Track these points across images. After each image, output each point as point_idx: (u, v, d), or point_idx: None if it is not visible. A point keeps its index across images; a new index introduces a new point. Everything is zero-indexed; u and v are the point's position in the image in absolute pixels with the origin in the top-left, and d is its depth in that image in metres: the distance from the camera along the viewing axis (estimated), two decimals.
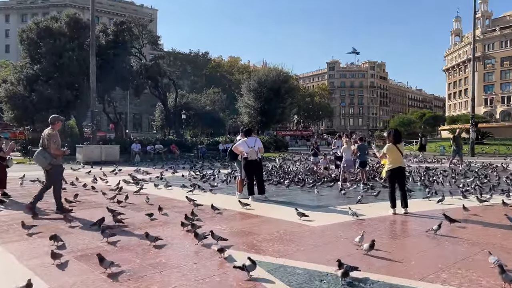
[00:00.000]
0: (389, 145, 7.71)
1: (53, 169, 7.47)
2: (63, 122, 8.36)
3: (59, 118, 7.80)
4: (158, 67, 33.91)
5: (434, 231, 5.84)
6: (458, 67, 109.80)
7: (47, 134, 7.42)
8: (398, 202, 7.66)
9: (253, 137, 9.28)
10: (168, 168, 17.70)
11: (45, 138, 7.40)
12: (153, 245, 5.26)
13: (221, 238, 5.30)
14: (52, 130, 7.48)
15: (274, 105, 35.66)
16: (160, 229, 6.28)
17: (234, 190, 10.47)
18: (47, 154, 7.32)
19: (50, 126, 7.54)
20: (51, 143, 7.33)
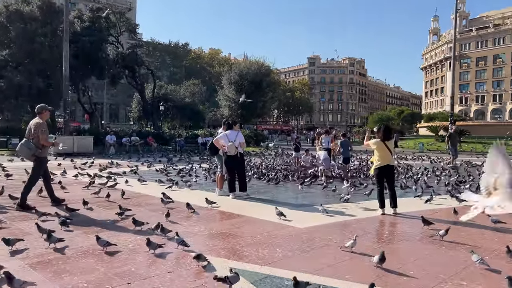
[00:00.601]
0: (377, 141, 7.29)
1: (37, 162, 7.18)
2: (51, 112, 8.03)
3: (47, 107, 7.47)
4: (135, 56, 32.75)
5: (440, 236, 5.39)
6: (436, 66, 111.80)
7: (34, 124, 7.11)
8: (387, 202, 7.28)
9: (235, 131, 8.71)
10: (144, 161, 16.93)
11: (32, 128, 7.08)
12: (105, 251, 4.64)
13: (183, 243, 4.76)
14: (39, 119, 7.20)
15: (255, 98, 35.11)
16: (130, 232, 5.67)
17: (214, 187, 9.92)
18: (31, 145, 7.02)
19: (37, 116, 7.26)
20: (39, 132, 7.02)
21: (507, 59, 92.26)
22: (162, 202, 7.53)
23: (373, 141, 7.39)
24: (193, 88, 46.95)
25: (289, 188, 10.33)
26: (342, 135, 13.16)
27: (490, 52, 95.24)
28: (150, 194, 8.97)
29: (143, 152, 23.94)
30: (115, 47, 33.38)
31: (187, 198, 8.07)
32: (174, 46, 77.05)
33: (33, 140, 7.03)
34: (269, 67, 37.45)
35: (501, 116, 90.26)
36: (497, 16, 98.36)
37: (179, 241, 4.80)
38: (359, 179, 11.92)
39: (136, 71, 33.54)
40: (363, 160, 18.04)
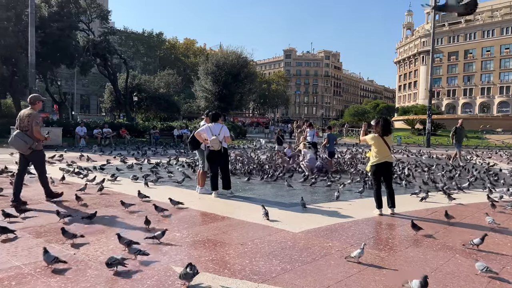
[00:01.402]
0: (375, 136, 6.73)
1: (35, 155, 6.82)
2: (44, 102, 7.58)
3: (40, 97, 7.12)
4: (107, 44, 31.22)
5: (475, 245, 4.78)
6: (409, 60, 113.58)
7: (27, 115, 6.71)
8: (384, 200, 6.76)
9: (219, 124, 7.96)
10: (117, 154, 15.92)
11: (25, 120, 6.68)
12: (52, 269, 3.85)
13: (141, 252, 4.10)
14: (32, 110, 6.80)
15: (232, 89, 34.24)
16: (100, 242, 4.89)
17: (194, 183, 9.19)
18: (27, 137, 6.62)
19: (30, 106, 6.86)
20: (33, 124, 6.62)
21: (477, 54, 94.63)
22: (139, 197, 6.75)
23: (370, 136, 6.83)
24: (168, 79, 45.47)
25: (275, 185, 9.69)
26: (327, 128, 12.67)
27: (461, 47, 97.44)
28: (124, 192, 8.15)
29: (115, 145, 22.82)
30: (86, 34, 31.72)
31: (165, 196, 7.32)
32: (148, 36, 74.67)
33: (27, 132, 6.65)
34: (247, 58, 36.59)
35: (471, 110, 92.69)
36: None
37: (135, 250, 4.13)
38: (351, 174, 11.39)
39: (108, 59, 32.04)
40: (354, 153, 17.64)
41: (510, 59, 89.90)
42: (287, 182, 9.18)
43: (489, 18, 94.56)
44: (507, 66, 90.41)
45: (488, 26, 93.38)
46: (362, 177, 10.44)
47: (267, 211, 6.14)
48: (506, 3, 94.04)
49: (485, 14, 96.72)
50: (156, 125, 28.87)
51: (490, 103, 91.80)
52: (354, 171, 11.98)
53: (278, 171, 10.98)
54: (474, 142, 30.57)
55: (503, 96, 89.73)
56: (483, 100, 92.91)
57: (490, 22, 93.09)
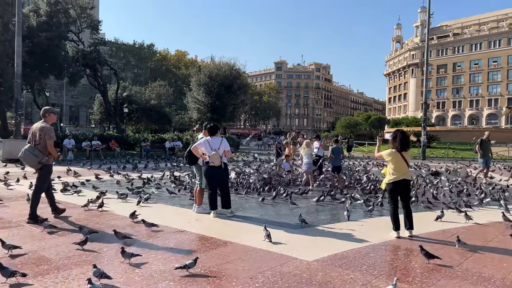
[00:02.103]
0: (392, 152, 6.19)
1: (43, 170, 6.57)
2: (57, 115, 7.34)
3: (52, 110, 6.89)
4: (98, 54, 30.49)
5: None
6: (399, 72, 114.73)
7: (39, 128, 6.46)
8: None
9: (219, 137, 7.35)
10: (106, 168, 15.16)
11: (37, 133, 6.42)
12: None
13: (104, 275, 3.72)
14: (44, 123, 6.54)
15: (225, 101, 33.66)
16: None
17: (187, 201, 8.55)
18: (37, 152, 6.38)
19: (42, 119, 6.62)
20: (46, 138, 6.37)
21: (465, 67, 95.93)
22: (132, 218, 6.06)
23: (387, 151, 6.27)
24: (159, 90, 44.78)
25: (277, 202, 9.03)
26: (334, 141, 12.05)
27: (450, 60, 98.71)
28: (114, 212, 7.46)
29: (105, 158, 22.01)
30: (75, 44, 31.00)
31: (159, 216, 6.66)
32: (139, 47, 74.11)
33: (39, 146, 6.41)
34: (240, 70, 36.18)
35: (460, 122, 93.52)
36: (457, 25, 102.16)
37: (98, 273, 3.69)
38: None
39: (98, 70, 31.27)
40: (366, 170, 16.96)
41: (497, 72, 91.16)
42: (290, 200, 8.55)
43: (477, 32, 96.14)
44: (495, 79, 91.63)
45: (476, 39, 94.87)
46: (365, 192, 9.91)
47: (269, 233, 5.57)
48: (493, 18, 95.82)
49: (473, 28, 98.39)
50: (147, 137, 28.09)
51: (479, 115, 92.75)
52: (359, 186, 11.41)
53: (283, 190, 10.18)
54: (469, 155, 30.34)
55: (492, 108, 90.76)
56: (472, 112, 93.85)
57: (477, 35, 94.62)
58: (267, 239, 5.50)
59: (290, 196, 8.81)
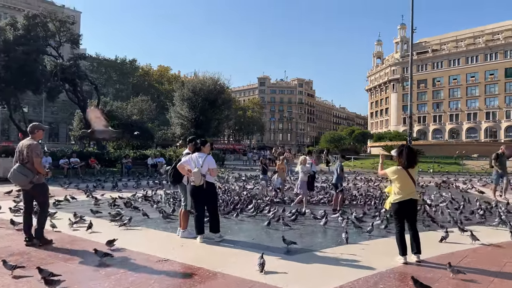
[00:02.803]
0: (398, 169, 5.67)
1: (37, 189, 6.21)
2: (44, 132, 6.89)
3: (41, 126, 6.61)
4: (77, 69, 29.61)
5: None
6: (380, 88, 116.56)
7: (26, 145, 6.18)
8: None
9: (203, 153, 6.72)
10: (85, 188, 14.26)
11: (25, 151, 6.14)
12: None
13: None
14: (32, 140, 6.26)
15: (209, 116, 33.06)
16: None
17: (170, 223, 7.86)
18: (27, 171, 6.09)
19: (29, 136, 6.35)
20: (34, 156, 6.09)
21: (445, 82, 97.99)
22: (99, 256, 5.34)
23: (392, 169, 5.76)
24: (141, 105, 43.92)
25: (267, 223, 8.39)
26: (341, 156, 11.21)
27: (429, 75, 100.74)
28: (88, 239, 6.71)
29: (84, 176, 21.01)
30: (54, 58, 30.09)
31: (141, 242, 5.97)
32: (120, 62, 73.31)
33: (27, 164, 6.12)
34: (224, 84, 35.73)
35: (441, 136, 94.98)
36: (435, 41, 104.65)
37: None
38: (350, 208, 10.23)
39: (77, 85, 30.35)
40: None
41: (475, 87, 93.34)
42: (283, 221, 7.93)
43: (454, 48, 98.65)
44: (473, 94, 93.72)
45: (454, 55, 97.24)
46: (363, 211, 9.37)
47: (263, 262, 4.95)
48: (469, 34, 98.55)
49: (450, 44, 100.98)
50: (129, 154, 27.17)
51: (459, 129, 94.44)
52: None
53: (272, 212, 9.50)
54: (454, 169, 30.35)
55: (471, 123, 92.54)
56: (452, 126, 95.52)
57: (455, 51, 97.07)
58: (260, 267, 4.90)
59: (283, 218, 8.18)
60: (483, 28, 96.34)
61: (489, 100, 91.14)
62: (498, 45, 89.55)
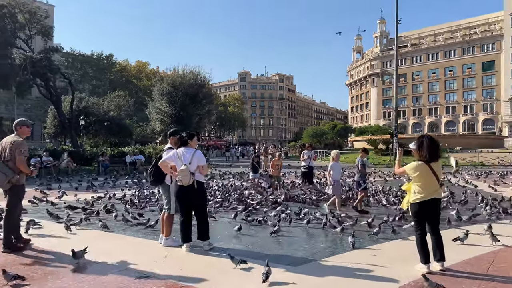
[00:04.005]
0: (419, 165, 4.86)
1: (13, 191, 5.73)
2: (32, 128, 6.29)
3: (25, 122, 6.08)
4: (49, 62, 27.92)
5: None
6: (360, 82, 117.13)
7: (10, 142, 5.74)
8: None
9: (190, 148, 5.80)
10: (59, 188, 13.02)
11: (7, 148, 5.70)
12: None
13: None
14: (17, 137, 5.81)
15: (190, 111, 31.82)
16: None
17: (150, 230, 6.91)
18: (7, 169, 5.62)
19: (14, 132, 5.91)
20: (17, 153, 5.63)
21: (424, 76, 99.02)
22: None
23: (412, 165, 4.93)
24: (118, 101, 42.26)
25: (264, 227, 7.49)
26: (362, 150, 9.88)
27: (409, 70, 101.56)
28: (53, 250, 5.70)
29: (57, 175, 19.69)
30: (24, 51, 28.32)
31: (117, 251, 5.01)
32: (97, 58, 70.92)
33: (9, 163, 5.65)
34: (205, 78, 34.56)
35: (421, 130, 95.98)
36: (414, 36, 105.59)
37: None
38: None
39: (50, 80, 28.67)
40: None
41: (454, 80, 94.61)
42: (276, 227, 6.86)
43: (433, 42, 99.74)
44: (452, 87, 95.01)
45: (432, 49, 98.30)
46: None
47: (268, 272, 4.17)
48: (447, 28, 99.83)
49: (429, 38, 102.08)
50: (106, 151, 25.84)
51: (438, 123, 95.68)
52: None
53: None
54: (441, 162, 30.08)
55: (450, 116, 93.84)
56: (431, 120, 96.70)
57: (433, 46, 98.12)
58: (263, 277, 4.17)
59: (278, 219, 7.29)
60: (460, 22, 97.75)
61: (467, 93, 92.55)
62: (475, 39, 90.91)
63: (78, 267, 4.82)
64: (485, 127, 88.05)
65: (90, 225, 7.53)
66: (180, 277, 4.55)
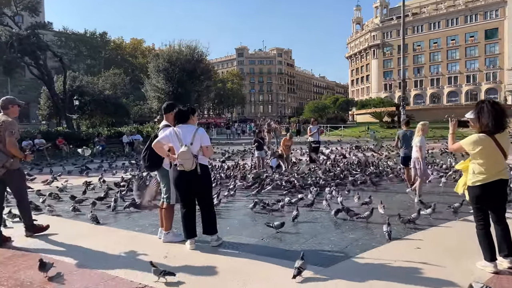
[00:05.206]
0: (480, 138, 3.83)
1: (10, 175, 5.09)
2: (21, 107, 5.56)
3: (16, 101, 5.39)
4: (37, 39, 26.49)
5: None
6: (360, 54, 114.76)
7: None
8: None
9: (191, 126, 4.79)
10: (53, 174, 12.01)
11: None
12: None
13: None
14: (6, 117, 5.08)
15: (188, 88, 30.54)
16: None
17: (148, 219, 5.98)
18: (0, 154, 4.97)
19: (2, 111, 5.15)
20: (7, 135, 4.94)
21: (425, 47, 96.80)
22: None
23: (471, 138, 3.89)
24: (114, 79, 40.85)
25: (280, 214, 6.52)
26: (404, 124, 8.75)
27: (410, 40, 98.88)
28: (44, 247, 4.76)
29: (51, 158, 18.73)
30: (10, 28, 26.84)
31: (104, 245, 4.09)
32: (90, 36, 68.87)
33: (0, 145, 5.01)
34: (203, 53, 33.10)
35: (423, 101, 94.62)
36: (415, 5, 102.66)
37: None
38: None
39: (39, 58, 27.30)
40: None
41: (456, 50, 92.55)
42: (296, 213, 5.95)
43: (434, 10, 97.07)
44: (454, 57, 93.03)
45: (434, 18, 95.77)
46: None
47: (302, 267, 3.53)
48: None
49: (430, 7, 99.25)
50: (102, 132, 24.82)
51: (440, 94, 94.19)
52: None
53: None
54: (447, 133, 29.09)
55: (452, 86, 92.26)
56: (433, 91, 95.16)
57: (435, 14, 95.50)
58: (296, 271, 3.51)
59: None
60: None
61: (469, 63, 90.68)
62: (478, 6, 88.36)
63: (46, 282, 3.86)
64: (488, 96, 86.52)
65: (80, 216, 6.61)
66: (187, 283, 3.63)
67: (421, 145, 7.34)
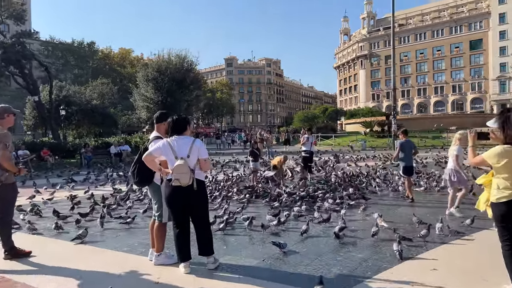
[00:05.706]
0: (505, 150, 3.51)
1: (5, 190, 4.74)
2: (16, 117, 5.19)
3: (9, 109, 4.98)
4: (22, 48, 25.87)
5: None
6: (348, 65, 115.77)
7: None
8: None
9: (187, 137, 4.40)
10: (36, 187, 11.43)
11: None
12: None
13: None
14: (0, 128, 4.67)
15: (178, 97, 30.07)
16: None
17: (138, 237, 5.53)
18: None
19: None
20: (1, 147, 4.60)
21: (412, 57, 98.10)
22: None
23: (496, 150, 3.54)
24: (101, 89, 40.19)
25: (283, 230, 6.12)
26: (402, 133, 8.62)
27: (397, 50, 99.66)
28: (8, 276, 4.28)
29: (35, 171, 18.03)
30: None
31: (95, 277, 3.66)
32: (78, 46, 68.13)
33: None
34: (193, 62, 32.71)
35: (410, 111, 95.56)
36: (401, 16, 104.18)
37: None
38: None
39: (25, 67, 26.64)
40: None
41: (442, 60, 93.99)
42: (306, 226, 5.57)
43: (420, 22, 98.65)
44: (440, 67, 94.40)
45: (420, 29, 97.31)
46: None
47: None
48: (434, 8, 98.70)
49: (416, 18, 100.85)
50: (89, 142, 24.18)
51: (427, 103, 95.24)
52: None
53: None
54: (438, 142, 29.20)
55: (438, 96, 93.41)
56: (420, 101, 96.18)
57: (421, 26, 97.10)
58: None
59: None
60: (448, 1, 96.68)
61: (455, 73, 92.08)
62: (463, 18, 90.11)
63: None
64: (473, 106, 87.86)
65: (63, 234, 6.13)
66: None
67: (457, 154, 7.01)
